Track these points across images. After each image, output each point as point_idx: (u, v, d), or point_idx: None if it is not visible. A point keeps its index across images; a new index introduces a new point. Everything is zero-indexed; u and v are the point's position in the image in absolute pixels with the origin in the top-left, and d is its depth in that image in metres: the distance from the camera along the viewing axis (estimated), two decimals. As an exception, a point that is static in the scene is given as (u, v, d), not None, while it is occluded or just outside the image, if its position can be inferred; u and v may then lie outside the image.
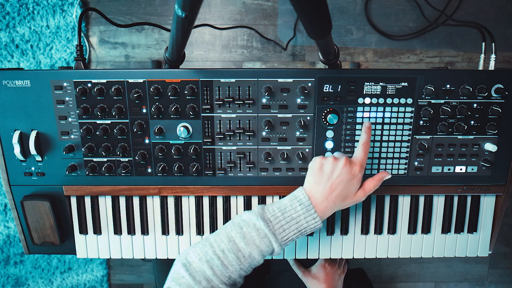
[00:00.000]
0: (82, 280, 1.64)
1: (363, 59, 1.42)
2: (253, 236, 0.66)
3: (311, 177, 0.72)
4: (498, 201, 0.86)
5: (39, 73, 0.75)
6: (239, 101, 0.77)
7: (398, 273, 1.74)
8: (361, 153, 0.73)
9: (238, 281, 0.68)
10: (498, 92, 0.76)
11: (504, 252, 1.71)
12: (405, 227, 0.87)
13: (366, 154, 0.73)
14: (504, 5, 1.38)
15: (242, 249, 0.66)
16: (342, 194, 0.70)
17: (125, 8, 1.37)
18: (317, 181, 0.70)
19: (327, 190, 0.69)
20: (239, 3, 1.37)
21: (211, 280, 0.64)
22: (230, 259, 0.65)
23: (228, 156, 0.80)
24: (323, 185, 0.70)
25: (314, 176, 0.71)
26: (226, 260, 0.65)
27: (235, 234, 0.66)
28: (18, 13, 1.34)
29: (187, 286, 0.63)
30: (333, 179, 0.69)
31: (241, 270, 0.66)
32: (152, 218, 0.86)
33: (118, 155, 0.80)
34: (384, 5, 1.38)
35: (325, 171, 0.70)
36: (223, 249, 0.65)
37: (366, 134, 0.74)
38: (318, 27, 0.52)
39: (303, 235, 0.69)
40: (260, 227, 0.66)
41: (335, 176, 0.69)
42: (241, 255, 0.65)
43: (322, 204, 0.69)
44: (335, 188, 0.69)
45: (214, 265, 0.64)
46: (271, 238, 0.66)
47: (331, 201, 0.69)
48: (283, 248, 0.69)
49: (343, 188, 0.70)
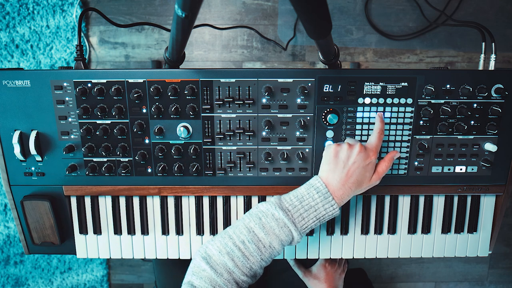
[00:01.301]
0: (82, 280, 1.64)
1: (363, 59, 1.42)
2: (272, 226, 0.66)
3: (326, 165, 0.72)
4: (498, 201, 0.86)
5: (39, 73, 0.75)
6: (239, 101, 0.77)
7: (398, 273, 1.74)
8: (376, 139, 0.73)
9: (259, 272, 0.68)
10: (498, 92, 0.76)
11: (504, 252, 1.71)
12: (405, 227, 0.87)
13: (381, 141, 0.74)
14: (504, 5, 1.38)
15: (262, 239, 0.66)
16: (359, 180, 0.70)
17: (125, 8, 1.37)
18: (333, 169, 0.71)
19: (344, 177, 0.70)
20: (239, 3, 1.37)
21: (232, 272, 0.64)
22: (251, 250, 0.65)
23: (228, 156, 0.80)
24: (339, 172, 0.70)
25: (329, 163, 0.72)
26: (247, 251, 0.65)
27: (254, 225, 0.67)
28: (18, 13, 1.34)
29: (208, 279, 0.62)
30: (349, 166, 0.70)
31: (262, 260, 0.66)
32: (152, 218, 0.86)
33: (118, 155, 0.80)
34: (384, 5, 1.38)
35: (341, 158, 0.71)
36: (243, 240, 0.65)
37: (381, 123, 0.75)
38: (318, 27, 0.52)
39: (322, 222, 0.70)
40: (279, 217, 0.66)
41: (351, 163, 0.70)
42: (261, 245, 0.66)
43: (340, 191, 0.69)
44: (351, 175, 0.70)
45: (235, 256, 0.64)
46: (291, 227, 0.66)
47: (347, 188, 0.70)
48: (302, 237, 0.69)
49: (359, 174, 0.70)
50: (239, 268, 0.64)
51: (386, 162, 0.74)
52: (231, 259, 0.64)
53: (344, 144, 0.72)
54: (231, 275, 0.63)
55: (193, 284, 0.63)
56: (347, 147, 0.71)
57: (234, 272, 0.64)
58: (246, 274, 0.65)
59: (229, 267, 0.64)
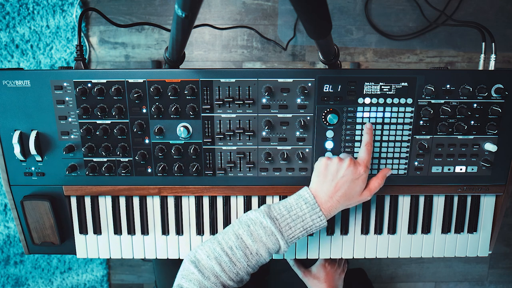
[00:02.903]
0: (82, 280, 1.64)
1: (363, 59, 1.42)
2: (260, 233, 0.68)
3: (316, 177, 0.74)
4: (498, 201, 0.86)
5: (39, 73, 0.75)
6: (239, 101, 0.77)
7: (398, 273, 1.74)
8: (365, 153, 0.74)
9: (245, 278, 0.69)
10: (498, 92, 0.76)
11: (504, 252, 1.71)
12: (405, 227, 0.87)
13: (370, 154, 0.75)
14: (504, 5, 1.38)
15: (250, 246, 0.67)
16: (347, 193, 0.71)
17: (125, 8, 1.37)
18: (322, 181, 0.72)
19: (332, 189, 0.71)
20: (239, 3, 1.37)
21: (219, 276, 0.65)
22: (238, 256, 0.67)
23: (228, 156, 0.80)
24: (328, 185, 0.71)
25: (319, 176, 0.73)
26: (234, 257, 0.67)
27: (243, 232, 0.68)
28: (18, 13, 1.34)
29: (197, 282, 0.64)
30: (337, 179, 0.71)
31: (248, 267, 0.68)
32: (152, 218, 0.86)
33: (118, 155, 0.80)
34: (384, 5, 1.37)
35: (330, 171, 0.72)
36: (231, 246, 0.67)
37: (368, 134, 0.76)
38: (318, 27, 0.52)
39: (309, 233, 0.71)
40: (267, 225, 0.68)
41: (340, 176, 0.71)
42: (248, 252, 0.67)
43: (327, 203, 0.70)
44: (339, 188, 0.71)
45: (223, 261, 0.66)
46: (278, 236, 0.68)
47: (335, 201, 0.71)
48: (289, 246, 0.70)
49: (348, 188, 0.71)
50: (226, 272, 0.66)
51: (379, 180, 0.75)
52: (219, 264, 0.66)
53: (335, 158, 0.73)
54: (218, 279, 0.66)
55: (183, 286, 0.65)
56: (337, 161, 0.72)
57: (221, 276, 0.66)
58: (233, 279, 0.67)
59: (216, 271, 0.66)
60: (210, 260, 0.66)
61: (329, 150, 0.80)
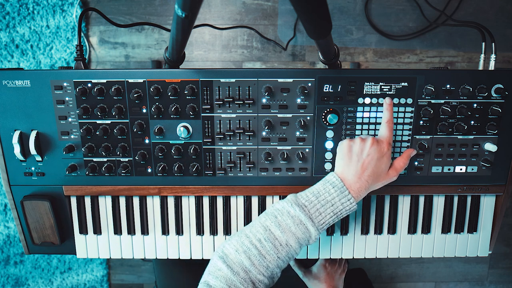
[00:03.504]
0: (82, 280, 1.64)
1: (363, 59, 1.42)
2: (288, 223, 0.66)
3: (341, 160, 0.73)
4: (498, 201, 0.86)
5: (39, 73, 0.75)
6: (239, 101, 0.77)
7: (398, 273, 1.74)
8: (386, 131, 0.73)
9: (276, 273, 0.67)
10: (498, 92, 0.76)
11: (504, 252, 1.71)
12: (405, 227, 0.87)
13: (391, 131, 0.74)
14: (504, 5, 1.38)
15: (279, 237, 0.66)
16: (375, 172, 0.70)
17: (125, 8, 1.37)
18: (347, 163, 0.71)
19: (359, 170, 0.70)
20: (239, 3, 1.37)
21: (249, 271, 0.63)
22: (268, 248, 0.65)
23: (228, 156, 0.80)
24: (354, 166, 0.70)
25: (343, 158, 0.72)
26: (263, 249, 0.65)
27: (270, 223, 0.67)
28: (18, 13, 1.34)
29: (224, 279, 0.62)
30: (363, 159, 0.70)
31: (278, 259, 0.66)
32: (152, 218, 0.86)
33: (118, 155, 0.80)
34: (384, 5, 1.37)
35: (355, 151, 0.71)
36: (259, 238, 0.65)
37: (388, 111, 0.75)
38: (318, 27, 0.52)
39: (339, 218, 0.69)
40: (295, 214, 0.66)
41: (365, 156, 0.70)
42: (278, 244, 0.65)
43: (356, 185, 0.69)
44: (366, 167, 0.70)
45: (252, 255, 0.64)
46: (308, 223, 0.66)
47: (364, 181, 0.70)
48: (320, 233, 0.68)
49: (374, 167, 0.70)
50: (256, 267, 0.64)
51: (404, 159, 0.75)
52: (248, 258, 0.64)
53: (357, 139, 0.72)
54: (248, 274, 0.63)
55: (209, 284, 0.62)
56: (360, 141, 0.72)
57: (251, 271, 0.63)
58: (263, 274, 0.64)
59: (246, 265, 0.63)
60: (238, 254, 0.64)
61: (329, 150, 0.80)
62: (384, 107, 0.76)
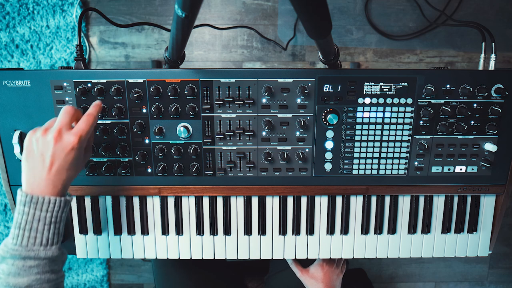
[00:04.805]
0: (82, 280, 1.64)
1: (363, 59, 1.42)
2: (21, 280, 0.62)
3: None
4: (498, 201, 0.86)
5: (39, 73, 0.75)
6: (239, 101, 0.77)
7: (398, 273, 1.74)
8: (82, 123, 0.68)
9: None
10: (498, 92, 0.76)
11: (504, 252, 1.71)
12: (405, 227, 0.87)
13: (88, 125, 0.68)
14: (504, 5, 1.38)
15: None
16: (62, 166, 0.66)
17: (125, 8, 1.37)
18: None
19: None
20: (239, 3, 1.37)
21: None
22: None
23: (228, 156, 0.80)
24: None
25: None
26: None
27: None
28: (18, 13, 1.34)
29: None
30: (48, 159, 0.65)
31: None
32: (152, 218, 0.86)
33: (118, 155, 0.80)
34: (384, 5, 1.37)
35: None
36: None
37: (94, 107, 0.71)
38: (318, 27, 0.52)
39: (62, 220, 0.67)
40: (17, 265, 0.62)
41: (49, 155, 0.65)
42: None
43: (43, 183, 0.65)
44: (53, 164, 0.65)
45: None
46: (38, 257, 0.63)
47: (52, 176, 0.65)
48: (58, 245, 0.66)
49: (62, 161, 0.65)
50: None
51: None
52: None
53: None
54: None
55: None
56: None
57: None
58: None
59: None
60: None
61: (329, 150, 0.80)
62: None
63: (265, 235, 0.87)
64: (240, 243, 0.87)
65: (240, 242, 0.87)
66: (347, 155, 0.81)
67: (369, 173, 0.82)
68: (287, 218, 0.86)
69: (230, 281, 1.10)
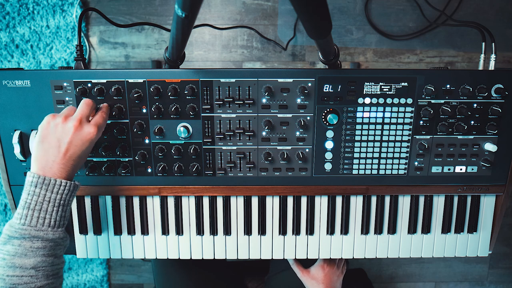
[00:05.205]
0: (82, 280, 1.64)
1: (363, 59, 1.42)
2: (24, 261, 0.63)
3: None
4: (498, 201, 0.86)
5: (39, 73, 0.75)
6: (239, 101, 0.77)
7: (398, 273, 1.74)
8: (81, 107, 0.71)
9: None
10: (498, 92, 0.76)
11: (504, 252, 1.71)
12: (405, 227, 0.87)
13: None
14: (504, 5, 1.38)
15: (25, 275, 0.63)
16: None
17: (125, 8, 1.37)
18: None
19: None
20: (239, 3, 1.37)
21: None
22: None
23: (228, 156, 0.80)
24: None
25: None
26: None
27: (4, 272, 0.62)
28: (18, 13, 1.34)
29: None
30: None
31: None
32: (152, 218, 0.86)
33: (118, 155, 0.80)
34: (384, 5, 1.37)
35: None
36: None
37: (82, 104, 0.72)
38: (318, 27, 0.52)
39: (70, 204, 0.69)
40: (20, 245, 0.63)
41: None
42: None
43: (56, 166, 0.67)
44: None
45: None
46: (39, 239, 0.64)
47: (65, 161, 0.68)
48: (63, 229, 0.68)
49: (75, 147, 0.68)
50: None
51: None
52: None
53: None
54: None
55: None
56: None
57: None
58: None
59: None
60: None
61: (329, 150, 0.80)
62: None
63: (265, 235, 0.87)
64: (240, 243, 0.87)
65: (240, 242, 0.87)
66: (347, 155, 0.81)
67: (369, 173, 0.82)
68: (287, 218, 0.86)
69: (230, 281, 1.10)
